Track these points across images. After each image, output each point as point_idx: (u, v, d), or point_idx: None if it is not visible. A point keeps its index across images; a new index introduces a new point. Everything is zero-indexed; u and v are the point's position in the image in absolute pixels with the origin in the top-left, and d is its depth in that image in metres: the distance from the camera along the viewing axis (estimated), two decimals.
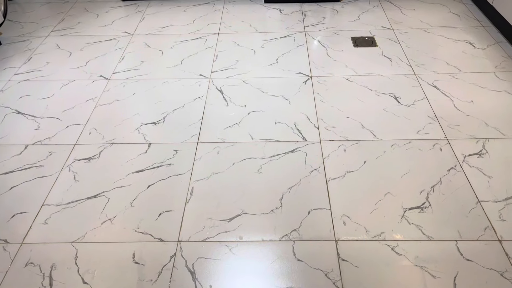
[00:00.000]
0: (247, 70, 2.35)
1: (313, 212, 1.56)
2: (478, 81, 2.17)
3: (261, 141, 1.88)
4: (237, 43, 2.59)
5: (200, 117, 2.03)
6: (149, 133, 1.94)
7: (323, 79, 2.25)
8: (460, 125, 1.91)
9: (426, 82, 2.18)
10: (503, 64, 2.28)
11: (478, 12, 2.78)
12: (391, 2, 2.96)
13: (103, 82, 2.30)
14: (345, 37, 2.59)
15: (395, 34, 2.60)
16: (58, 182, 1.73)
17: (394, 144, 1.83)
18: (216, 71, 2.34)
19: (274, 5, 3.01)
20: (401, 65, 2.32)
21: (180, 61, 2.44)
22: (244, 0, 3.08)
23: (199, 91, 2.20)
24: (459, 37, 2.53)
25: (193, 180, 1.71)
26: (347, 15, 2.83)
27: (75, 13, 3.00)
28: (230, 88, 2.21)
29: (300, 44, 2.55)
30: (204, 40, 2.63)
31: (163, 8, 3.02)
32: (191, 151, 1.84)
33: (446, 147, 1.80)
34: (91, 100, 2.17)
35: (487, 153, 1.76)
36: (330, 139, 1.87)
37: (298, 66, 2.35)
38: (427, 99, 2.07)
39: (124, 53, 2.53)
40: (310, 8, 2.94)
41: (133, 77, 2.32)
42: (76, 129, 1.98)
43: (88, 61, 2.47)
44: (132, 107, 2.11)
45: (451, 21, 2.70)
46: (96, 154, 1.85)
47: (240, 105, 2.10)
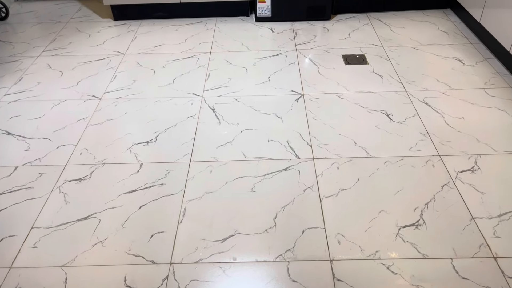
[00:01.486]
0: (240, 88, 2.35)
1: (307, 231, 1.55)
2: (468, 98, 2.19)
3: (254, 159, 1.87)
4: (229, 61, 2.60)
5: (193, 136, 2.02)
6: (141, 153, 1.93)
7: (315, 96, 2.26)
8: (452, 142, 1.91)
9: (417, 98, 2.20)
10: (492, 81, 2.31)
11: (466, 30, 2.82)
12: (381, 20, 3.00)
13: (95, 101, 2.29)
14: (336, 55, 2.62)
15: (385, 52, 2.63)
16: (48, 204, 1.70)
17: (387, 161, 1.83)
18: (209, 90, 2.35)
19: (265, 23, 3.04)
20: (392, 82, 2.34)
21: (172, 80, 2.44)
22: (236, 19, 3.11)
23: (192, 109, 2.20)
24: (448, 54, 2.57)
25: (186, 200, 1.69)
26: (337, 33, 2.86)
27: (67, 33, 3.01)
28: (222, 106, 2.21)
29: (291, 62, 2.56)
30: (196, 58, 2.64)
31: (155, 27, 3.04)
32: (184, 170, 1.83)
33: (439, 164, 1.80)
34: (82, 120, 2.15)
35: (479, 169, 1.76)
36: (323, 157, 1.87)
37: (290, 84, 2.36)
38: (419, 116, 2.08)
39: (116, 73, 2.53)
40: (301, 26, 2.98)
41: (125, 96, 2.32)
42: (67, 150, 1.96)
43: (80, 81, 2.46)
44: (124, 126, 2.10)
45: (439, 38, 2.74)
46: (87, 175, 1.82)
47: (232, 124, 2.09)
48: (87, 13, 3.30)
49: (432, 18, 3.00)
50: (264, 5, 2.98)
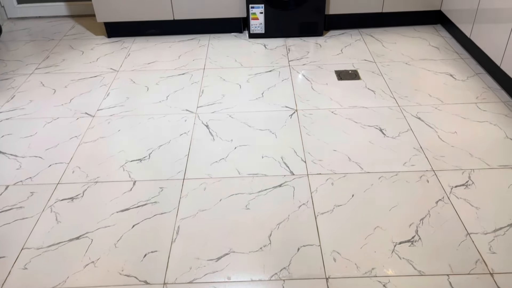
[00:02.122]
0: (233, 104, 2.35)
1: (302, 249, 1.53)
2: (460, 112, 2.20)
3: (248, 176, 1.86)
4: (222, 78, 2.61)
5: (186, 153, 2.01)
6: (134, 171, 1.91)
7: (309, 112, 2.26)
8: (445, 156, 1.92)
9: (410, 113, 2.21)
10: (483, 95, 2.33)
11: (456, 45, 2.86)
12: (373, 36, 3.03)
13: (88, 119, 2.27)
14: (329, 71, 2.63)
15: (377, 67, 2.65)
16: (39, 224, 1.67)
17: (382, 177, 1.82)
18: (202, 106, 2.34)
19: (258, 40, 3.06)
20: (384, 97, 2.36)
21: (166, 96, 2.44)
22: (229, 36, 3.13)
23: (185, 126, 2.19)
24: (439, 69, 2.59)
25: (179, 218, 1.67)
26: (330, 49, 2.89)
27: (60, 50, 3.01)
28: (216, 123, 2.21)
29: (285, 78, 2.58)
30: (189, 75, 2.64)
31: (148, 44, 3.05)
32: (177, 188, 1.81)
33: (433, 179, 1.80)
34: (75, 137, 2.14)
35: (473, 184, 1.77)
36: (318, 173, 1.86)
37: (284, 100, 2.37)
38: (412, 131, 2.09)
39: (109, 90, 2.52)
40: (294, 42, 3.00)
41: (118, 113, 2.31)
42: (59, 168, 1.94)
43: (73, 98, 2.45)
44: (117, 144, 2.09)
45: (431, 53, 2.77)
46: (79, 194, 1.80)
47: (226, 140, 2.09)
48: (81, 30, 3.31)
49: (423, 33, 3.04)
50: (257, 21, 3.00)
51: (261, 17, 2.99)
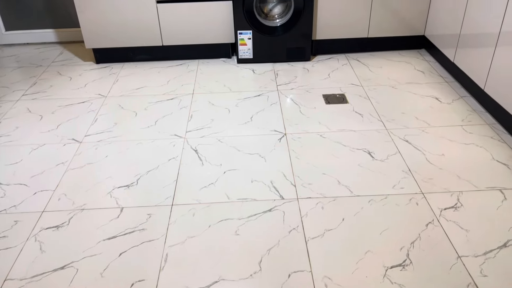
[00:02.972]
0: (222, 129, 2.35)
1: (293, 275, 1.51)
2: (447, 135, 2.23)
3: (237, 200, 1.85)
4: (211, 102, 2.62)
5: (175, 178, 1.99)
6: (122, 197, 1.88)
7: (298, 136, 2.27)
8: (433, 179, 1.93)
9: (398, 136, 2.23)
10: (469, 118, 2.37)
11: (441, 69, 2.92)
12: (359, 61, 3.09)
13: (75, 145, 2.25)
14: (317, 95, 2.66)
15: (364, 91, 2.68)
16: (23, 253, 1.62)
17: (371, 200, 1.82)
18: (191, 131, 2.34)
19: (247, 65, 3.09)
20: (372, 120, 2.38)
21: (155, 121, 2.43)
22: (218, 61, 3.16)
23: (174, 151, 2.18)
24: (425, 92, 2.64)
25: (168, 245, 1.64)
26: (317, 74, 2.92)
27: (48, 76, 3.00)
28: (205, 147, 2.20)
29: (273, 102, 2.59)
30: (178, 100, 2.65)
31: (137, 70, 3.06)
32: (166, 214, 1.79)
33: (422, 201, 1.80)
34: (62, 164, 2.11)
35: (462, 206, 1.77)
36: (308, 197, 1.85)
37: (273, 124, 2.38)
38: (400, 154, 2.10)
39: (97, 115, 2.51)
40: (282, 67, 3.04)
41: (106, 139, 2.29)
42: (45, 195, 1.91)
43: (60, 124, 2.43)
44: (105, 170, 2.06)
45: (416, 77, 2.82)
46: (65, 222, 1.76)
47: (215, 164, 2.08)
48: (69, 56, 3.31)
49: (408, 58, 3.10)
50: (246, 47, 3.04)
51: (249, 43, 3.03)
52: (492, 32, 2.25)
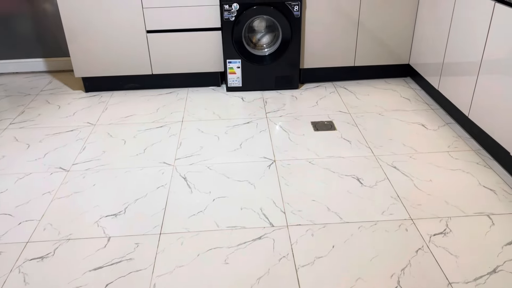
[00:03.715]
0: (211, 156, 2.35)
1: None
2: (434, 161, 2.26)
3: (227, 228, 1.83)
4: (201, 130, 2.62)
5: (163, 206, 1.97)
6: (109, 226, 1.85)
7: (287, 162, 2.28)
8: (422, 205, 1.94)
9: (386, 163, 2.25)
10: (455, 144, 2.40)
11: (426, 96, 2.98)
12: (346, 88, 3.14)
13: (62, 174, 2.23)
14: (305, 122, 2.69)
15: (352, 118, 2.72)
16: (6, 286, 1.57)
17: (361, 226, 1.82)
18: (180, 158, 2.33)
19: (236, 93, 3.13)
20: (360, 147, 2.40)
21: (143, 149, 2.43)
22: (207, 89, 3.19)
23: (163, 179, 2.16)
24: (411, 119, 2.68)
25: (156, 275, 1.60)
26: (305, 101, 2.96)
27: (36, 105, 2.99)
28: (194, 174, 2.19)
29: (262, 130, 2.61)
30: (168, 128, 2.65)
31: (126, 98, 3.07)
32: (154, 243, 1.76)
33: (412, 227, 1.80)
34: (48, 193, 2.07)
35: (451, 232, 1.77)
36: (297, 224, 1.84)
37: (262, 151, 2.39)
38: (388, 180, 2.12)
39: (85, 144, 2.50)
40: (271, 95, 3.08)
41: (94, 167, 2.27)
42: (30, 226, 1.87)
43: (47, 153, 2.41)
44: (92, 199, 2.03)
45: (402, 105, 2.88)
46: (50, 252, 1.72)
47: (204, 192, 2.06)
48: (58, 85, 3.32)
49: (394, 86, 3.17)
50: (235, 75, 3.08)
51: (238, 71, 3.07)
52: (474, 61, 2.32)
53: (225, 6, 2.84)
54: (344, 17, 3.00)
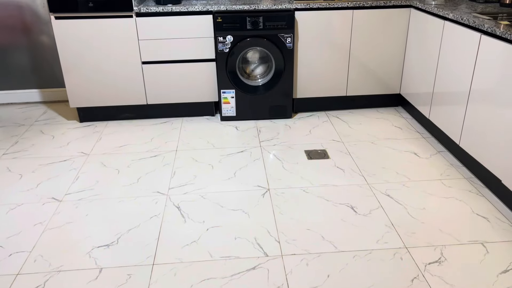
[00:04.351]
0: (205, 185, 2.35)
1: None
2: (427, 189, 2.27)
3: (221, 258, 1.81)
4: (195, 159, 2.63)
5: (156, 236, 1.95)
6: (101, 257, 1.82)
7: (281, 191, 2.28)
8: (416, 233, 1.94)
9: (379, 191, 2.26)
10: (447, 172, 2.42)
11: (417, 125, 3.03)
12: (339, 118, 3.18)
13: (54, 204, 2.21)
14: (299, 150, 2.71)
15: (345, 147, 2.74)
16: None
17: (356, 256, 1.81)
18: (174, 188, 2.33)
19: (230, 122, 3.16)
20: (354, 175, 2.41)
21: (137, 179, 2.42)
22: (202, 119, 3.22)
23: (156, 209, 2.15)
24: (403, 148, 2.71)
25: None
26: (299, 130, 2.99)
27: (30, 135, 3.00)
28: (188, 204, 2.18)
29: (256, 158, 2.62)
30: (162, 157, 2.66)
31: (121, 128, 3.08)
32: (146, 274, 1.73)
33: (406, 256, 1.80)
34: (40, 224, 2.05)
35: (446, 260, 1.77)
36: (292, 253, 1.83)
37: (256, 179, 2.39)
38: (382, 208, 2.12)
39: (78, 174, 2.49)
40: (264, 124, 3.11)
41: (87, 197, 2.26)
42: (20, 257, 1.83)
43: (40, 183, 2.39)
44: (84, 229, 2.01)
45: (394, 133, 2.91)
46: (40, 285, 1.69)
47: (198, 221, 2.05)
48: (52, 115, 3.33)
49: (385, 115, 3.22)
50: (229, 105, 3.12)
51: (233, 101, 3.11)
52: (462, 91, 2.38)
53: (219, 38, 2.91)
54: (336, 49, 3.07)
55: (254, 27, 2.89)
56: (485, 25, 2.13)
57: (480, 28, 2.18)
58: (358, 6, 2.96)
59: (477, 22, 2.20)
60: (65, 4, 2.79)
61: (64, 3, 2.79)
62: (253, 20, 2.87)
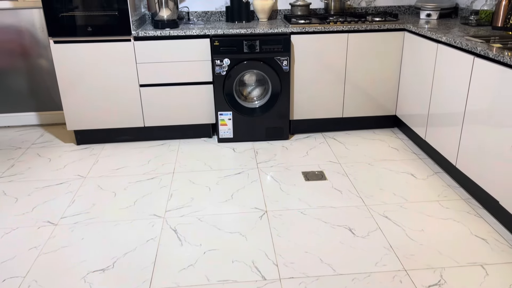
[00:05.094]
0: (203, 207, 2.34)
1: None
2: (424, 210, 2.26)
3: (218, 282, 1.78)
4: (192, 181, 2.62)
5: (153, 260, 1.93)
6: (97, 282, 1.80)
7: (278, 213, 2.27)
8: (415, 255, 1.92)
9: (377, 212, 2.26)
10: (444, 193, 2.43)
11: (414, 146, 3.04)
12: (335, 139, 3.20)
13: (50, 228, 2.18)
14: (296, 172, 2.71)
15: (342, 168, 2.75)
16: None
17: (355, 278, 1.79)
18: (171, 210, 2.31)
19: (227, 144, 3.16)
20: (351, 197, 2.41)
21: (134, 202, 2.41)
22: (199, 140, 3.23)
23: (153, 232, 2.13)
24: (400, 169, 2.72)
25: None
26: (296, 152, 3.00)
27: (27, 158, 2.99)
28: (185, 227, 2.17)
29: (254, 180, 2.62)
30: (159, 179, 2.65)
31: (117, 150, 3.08)
32: None
33: (406, 279, 1.78)
34: (34, 248, 2.02)
35: (446, 283, 1.75)
36: (290, 277, 1.81)
37: (253, 201, 2.38)
38: (381, 230, 2.11)
39: (74, 197, 2.47)
40: (261, 146, 3.11)
41: (83, 221, 2.24)
42: (14, 283, 1.80)
43: (35, 207, 2.38)
44: (80, 253, 1.99)
45: (391, 154, 2.92)
46: None
47: (195, 245, 2.03)
48: (50, 138, 3.33)
49: (382, 136, 3.23)
50: (226, 127, 3.13)
51: (230, 123, 3.12)
52: (457, 112, 2.40)
53: (216, 61, 2.95)
54: (332, 71, 3.11)
55: (251, 51, 2.93)
56: (478, 48, 2.17)
57: (473, 51, 2.22)
58: (353, 30, 3.01)
59: (470, 45, 2.24)
60: (64, 28, 2.83)
61: (64, 27, 2.83)
62: (250, 44, 2.92)
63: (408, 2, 3.54)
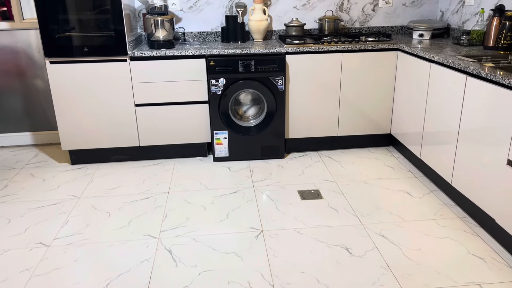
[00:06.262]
0: (198, 227, 2.31)
1: None
2: (421, 229, 2.25)
3: None
4: (187, 200, 2.60)
5: (147, 282, 1.89)
6: None
7: (275, 232, 2.25)
8: (412, 275, 1.90)
9: (374, 231, 2.24)
10: (441, 212, 2.42)
11: (409, 165, 3.05)
12: (331, 158, 3.20)
13: (42, 249, 2.15)
14: (292, 191, 2.69)
15: (338, 187, 2.74)
16: None
17: None
18: (165, 231, 2.29)
19: (223, 163, 3.15)
20: (347, 216, 2.40)
21: (128, 222, 2.38)
22: (194, 160, 3.22)
23: (147, 252, 2.10)
24: (396, 187, 2.71)
25: None
26: (292, 170, 2.99)
27: (20, 179, 2.96)
28: (179, 247, 2.14)
29: (249, 199, 2.60)
30: (153, 199, 2.63)
31: (112, 170, 3.06)
32: None
33: None
34: (26, 270, 1.99)
35: None
36: None
37: (249, 221, 2.36)
38: (377, 249, 2.09)
39: (68, 217, 2.44)
40: (257, 164, 3.11)
41: (76, 242, 2.20)
42: None
43: (28, 228, 2.34)
44: (72, 275, 1.95)
45: (387, 173, 2.92)
46: None
47: (190, 266, 2.00)
48: (44, 158, 3.31)
49: (377, 154, 3.24)
50: (221, 146, 3.13)
51: (225, 142, 3.12)
52: (452, 130, 2.41)
53: (212, 80, 2.96)
54: (326, 90, 3.13)
55: (246, 70, 2.95)
56: (471, 67, 2.20)
57: (466, 70, 2.24)
58: (347, 50, 3.05)
59: (463, 65, 2.27)
60: (60, 49, 2.85)
61: (60, 48, 2.84)
62: (245, 64, 2.94)
63: (400, 23, 3.60)
